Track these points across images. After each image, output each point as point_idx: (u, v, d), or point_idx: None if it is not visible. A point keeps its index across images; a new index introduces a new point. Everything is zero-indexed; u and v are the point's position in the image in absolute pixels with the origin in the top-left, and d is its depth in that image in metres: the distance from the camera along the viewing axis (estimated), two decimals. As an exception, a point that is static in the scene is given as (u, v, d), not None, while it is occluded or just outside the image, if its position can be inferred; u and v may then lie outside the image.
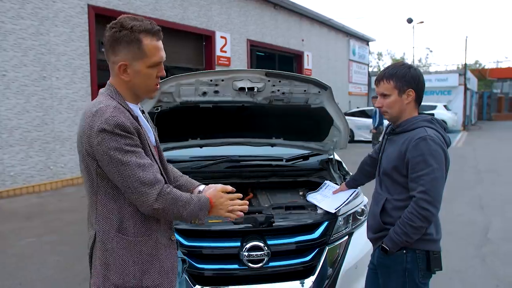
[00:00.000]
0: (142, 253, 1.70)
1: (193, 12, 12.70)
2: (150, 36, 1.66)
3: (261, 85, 2.86)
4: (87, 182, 1.69)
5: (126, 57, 1.65)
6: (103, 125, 1.56)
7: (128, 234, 1.68)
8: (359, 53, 26.70)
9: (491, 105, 36.82)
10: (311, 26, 20.51)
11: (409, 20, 34.63)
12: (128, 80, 1.69)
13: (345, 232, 2.83)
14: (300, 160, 3.59)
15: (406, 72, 2.17)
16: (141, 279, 1.69)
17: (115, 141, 1.57)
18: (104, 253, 1.68)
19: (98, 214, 1.68)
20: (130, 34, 1.63)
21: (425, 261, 2.13)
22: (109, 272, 1.68)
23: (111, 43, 1.66)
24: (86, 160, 1.64)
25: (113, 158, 1.57)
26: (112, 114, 1.59)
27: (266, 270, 2.56)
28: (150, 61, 1.68)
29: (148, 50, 1.66)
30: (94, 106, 1.64)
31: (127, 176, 1.58)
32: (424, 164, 2.04)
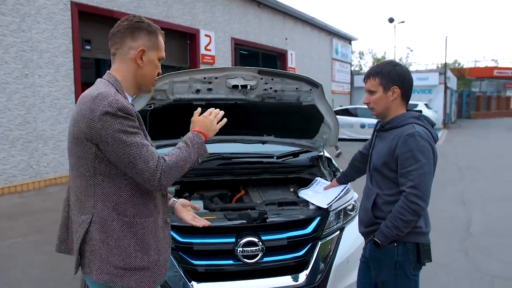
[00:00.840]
0: (143, 234, 1.73)
1: (177, 10, 12.64)
2: (161, 34, 1.85)
3: (254, 82, 2.89)
4: (82, 166, 1.69)
5: (145, 44, 1.77)
6: (106, 108, 1.60)
7: (128, 216, 1.71)
8: (342, 52, 26.93)
9: (470, 104, 37.56)
10: (295, 25, 20.61)
11: (391, 19, 35.04)
12: (141, 67, 1.79)
13: (337, 227, 2.89)
14: (290, 157, 3.63)
15: (391, 70, 2.24)
16: (142, 259, 1.74)
17: (119, 123, 1.61)
18: (104, 235, 1.69)
19: (97, 197, 1.69)
20: (150, 26, 1.79)
21: (416, 253, 2.19)
22: (109, 254, 1.69)
23: (132, 29, 1.76)
24: (84, 144, 1.65)
25: (119, 140, 1.60)
26: (115, 98, 1.64)
27: (260, 265, 2.59)
28: (160, 55, 1.84)
29: (161, 44, 1.83)
30: (94, 91, 1.68)
31: (133, 156, 1.61)
32: (413, 159, 2.10)
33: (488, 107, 40.07)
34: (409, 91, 2.29)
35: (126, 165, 1.63)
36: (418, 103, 22.72)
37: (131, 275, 1.72)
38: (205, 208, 2.95)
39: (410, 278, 2.21)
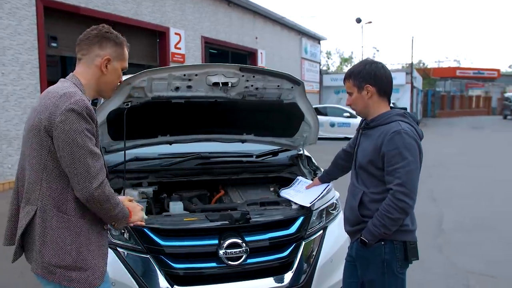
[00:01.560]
0: (80, 234, 1.76)
1: (146, 7, 12.40)
2: (126, 47, 1.96)
3: (235, 80, 2.82)
4: (34, 158, 1.74)
5: (111, 54, 1.87)
6: (72, 106, 1.67)
7: (68, 214, 1.74)
8: (311, 52, 27.14)
9: (435, 103, 38.62)
10: (265, 24, 20.62)
11: (358, 20, 35.57)
12: (104, 74, 1.87)
13: (320, 226, 2.86)
14: (269, 156, 3.58)
15: (361, 69, 2.26)
16: (76, 258, 1.75)
17: (79, 124, 1.67)
18: (43, 230, 1.72)
19: (42, 191, 1.73)
20: (117, 38, 1.90)
21: (403, 252, 2.19)
22: (45, 249, 1.72)
23: (100, 38, 1.86)
24: (41, 136, 1.71)
25: (72, 138, 1.65)
26: (81, 98, 1.71)
27: (244, 267, 2.53)
28: (123, 65, 1.94)
29: (125, 55, 1.95)
30: (60, 89, 1.74)
31: (77, 159, 1.66)
32: (399, 157, 2.09)
33: (452, 106, 41.31)
34: (385, 87, 2.27)
35: (69, 165, 1.68)
36: (386, 102, 23.18)
37: (64, 273, 1.74)
38: (185, 209, 2.86)
39: (397, 276, 2.20)
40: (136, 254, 2.45)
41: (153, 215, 2.74)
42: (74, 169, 1.67)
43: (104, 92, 1.95)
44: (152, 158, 3.28)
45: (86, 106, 1.69)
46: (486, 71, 43.80)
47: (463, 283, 4.12)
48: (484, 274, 4.36)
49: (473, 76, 42.69)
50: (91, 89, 1.88)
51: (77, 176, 1.67)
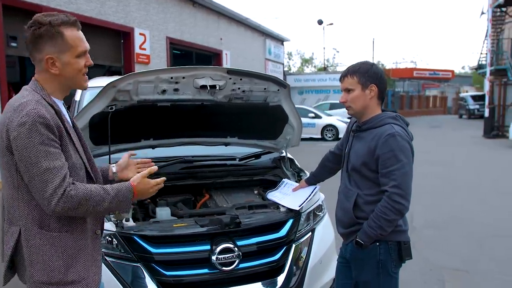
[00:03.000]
0: (66, 248, 1.69)
1: (110, 7, 12.11)
2: (70, 27, 1.68)
3: (222, 83, 2.79)
4: (7, 178, 1.67)
5: (51, 51, 1.66)
6: (23, 119, 1.56)
7: (51, 230, 1.67)
8: (275, 53, 27.33)
9: (395, 103, 39.67)
10: (229, 25, 20.58)
11: (320, 21, 36.14)
12: (58, 74, 1.70)
13: (308, 228, 2.87)
14: (252, 158, 3.57)
15: (369, 68, 2.27)
16: (66, 273, 1.69)
17: (30, 138, 1.56)
18: (27, 249, 1.66)
19: (21, 210, 1.66)
20: (50, 28, 1.64)
21: (397, 252, 2.23)
22: (33, 269, 1.66)
23: (33, 41, 1.66)
24: (7, 155, 1.63)
25: (24, 156, 1.57)
26: (33, 107, 1.59)
27: (237, 272, 2.50)
28: (77, 51, 1.70)
29: (71, 41, 1.68)
30: (16, 100, 1.65)
31: (32, 177, 1.58)
32: (394, 159, 2.13)
33: (411, 106, 42.58)
34: (384, 91, 2.32)
35: (27, 182, 1.61)
36: (349, 103, 23.59)
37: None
38: (172, 214, 2.80)
39: (391, 276, 2.25)
40: (126, 263, 2.38)
41: (141, 222, 2.67)
42: (32, 187, 1.59)
43: (73, 86, 1.79)
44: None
45: (38, 115, 1.57)
46: (441, 72, 45.40)
47: (439, 279, 4.25)
48: (457, 269, 4.51)
49: (429, 77, 44.13)
50: (56, 90, 1.73)
51: (36, 194, 1.60)
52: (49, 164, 1.58)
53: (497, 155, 13.50)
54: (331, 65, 50.60)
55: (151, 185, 1.83)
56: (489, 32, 21.04)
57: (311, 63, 58.91)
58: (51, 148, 1.60)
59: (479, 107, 31.97)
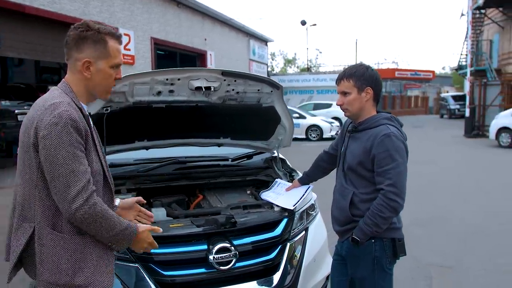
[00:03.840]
0: (76, 251, 1.69)
1: (94, 7, 12.01)
2: (114, 39, 1.77)
3: (217, 84, 2.82)
4: (27, 175, 1.68)
5: (91, 55, 1.72)
6: (55, 119, 1.59)
7: (63, 232, 1.68)
8: (259, 53, 27.43)
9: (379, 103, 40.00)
10: (213, 26, 20.58)
11: (303, 22, 36.38)
12: (89, 78, 1.75)
13: (302, 227, 2.91)
14: (245, 159, 3.60)
15: (364, 72, 2.33)
16: (73, 276, 1.68)
17: (60, 139, 1.58)
18: (39, 248, 1.67)
19: (36, 209, 1.67)
20: (97, 34, 1.72)
21: (391, 248, 2.30)
22: (42, 268, 1.68)
23: (77, 40, 1.71)
24: (31, 152, 1.64)
25: (52, 155, 1.58)
26: (66, 108, 1.62)
27: (233, 271, 2.53)
28: (113, 62, 1.77)
29: (112, 51, 1.75)
30: (47, 100, 1.67)
31: (56, 177, 1.58)
32: (390, 159, 2.19)
33: (393, 106, 43.08)
34: (379, 93, 2.38)
35: (49, 182, 1.61)
36: (332, 103, 23.76)
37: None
38: (168, 215, 2.82)
39: (386, 272, 2.31)
40: (124, 263, 2.39)
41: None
42: (54, 187, 1.60)
43: (98, 94, 1.83)
44: (128, 164, 3.20)
45: (70, 118, 1.60)
46: (422, 72, 46.06)
47: (426, 275, 4.35)
48: (443, 265, 4.62)
49: (410, 77, 44.70)
50: (83, 95, 1.78)
51: (56, 195, 1.60)
52: (75, 167, 1.59)
53: (478, 154, 13.79)
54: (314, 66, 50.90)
55: (149, 241, 1.85)
56: (469, 34, 21.45)
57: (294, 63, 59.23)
58: (78, 151, 1.62)
59: (459, 107, 32.57)
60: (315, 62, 54.93)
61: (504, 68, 23.72)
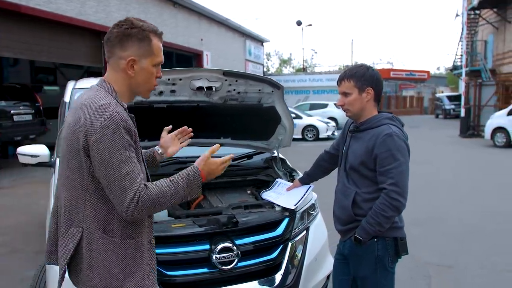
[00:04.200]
0: (126, 256, 1.67)
1: (91, 7, 11.98)
2: (157, 36, 1.73)
3: (218, 84, 2.83)
4: (74, 180, 1.63)
5: (135, 53, 1.67)
6: (106, 122, 1.55)
7: (114, 236, 1.65)
8: (255, 53, 27.44)
9: (373, 103, 40.08)
10: (210, 26, 20.57)
11: (299, 22, 36.42)
12: (132, 77, 1.70)
13: (303, 227, 2.92)
14: (245, 159, 3.61)
15: (365, 72, 2.34)
16: (124, 280, 1.66)
17: (114, 142, 1.55)
18: (88, 253, 1.64)
19: (86, 213, 1.63)
20: (142, 32, 1.67)
21: (393, 247, 2.31)
22: (92, 273, 1.64)
23: (121, 38, 1.67)
24: (81, 156, 1.59)
25: (106, 160, 1.54)
26: (116, 110, 1.58)
27: (236, 271, 2.54)
28: (156, 60, 1.73)
29: (155, 49, 1.72)
30: (94, 101, 1.61)
31: (112, 181, 1.56)
32: (392, 158, 2.21)
33: (389, 106, 43.20)
34: (380, 93, 2.40)
35: (105, 186, 1.59)
36: (328, 103, 23.83)
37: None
38: (169, 215, 2.82)
39: (388, 271, 2.32)
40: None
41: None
42: (110, 192, 1.57)
43: (141, 93, 1.79)
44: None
45: (122, 119, 1.57)
46: (417, 72, 46.22)
47: (425, 274, 4.38)
48: (441, 264, 4.65)
49: (405, 77, 44.85)
50: (124, 95, 1.74)
51: (114, 198, 1.58)
52: (129, 169, 1.57)
53: (474, 154, 13.87)
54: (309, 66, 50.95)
55: (217, 164, 1.82)
56: (465, 34, 21.56)
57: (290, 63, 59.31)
58: (130, 153, 1.59)
59: (454, 107, 32.73)
60: (311, 62, 55.04)
61: (499, 68, 23.87)
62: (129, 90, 1.74)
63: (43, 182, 8.89)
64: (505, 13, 23.15)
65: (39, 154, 3.42)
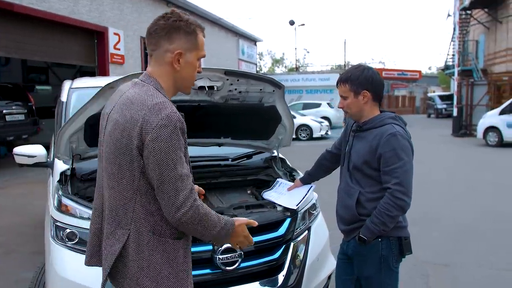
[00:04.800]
0: (177, 257, 1.65)
1: (84, 6, 11.88)
2: (202, 31, 1.70)
3: (220, 83, 2.81)
4: (124, 179, 1.58)
5: (183, 46, 1.64)
6: (164, 121, 1.49)
7: (165, 236, 1.62)
8: (248, 53, 27.42)
9: (365, 103, 40.22)
10: (203, 25, 20.52)
11: (291, 22, 36.44)
12: (178, 70, 1.66)
13: (305, 227, 2.91)
14: (244, 159, 3.59)
15: (359, 75, 2.33)
16: (174, 283, 1.63)
17: (171, 142, 1.50)
18: (137, 255, 1.60)
19: (136, 214, 1.59)
20: (189, 25, 1.64)
21: (398, 247, 2.31)
22: (141, 275, 1.60)
23: (169, 30, 1.62)
24: (133, 155, 1.54)
25: (162, 159, 1.50)
26: (173, 110, 1.54)
27: (238, 271, 2.53)
28: (200, 54, 1.70)
29: (200, 43, 1.69)
30: (147, 98, 1.55)
31: (166, 182, 1.51)
32: (396, 158, 2.20)
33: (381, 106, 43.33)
34: (379, 92, 2.39)
35: (157, 187, 1.54)
36: (321, 102, 23.87)
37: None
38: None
39: (392, 271, 2.32)
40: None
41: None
42: (162, 192, 1.52)
43: (183, 89, 1.75)
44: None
45: (179, 119, 1.52)
46: (409, 72, 46.46)
47: (422, 273, 4.39)
48: (438, 263, 4.67)
49: (397, 77, 45.07)
50: (169, 91, 1.69)
51: (164, 200, 1.53)
52: (182, 171, 1.53)
53: (466, 153, 13.97)
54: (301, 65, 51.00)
55: (245, 234, 1.78)
56: (457, 34, 21.71)
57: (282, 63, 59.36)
58: (183, 154, 1.56)
59: (446, 106, 32.97)
60: (303, 61, 55.09)
61: (490, 68, 24.08)
62: (174, 85, 1.70)
63: (37, 182, 8.83)
64: (496, 13, 23.36)
65: (36, 155, 3.38)
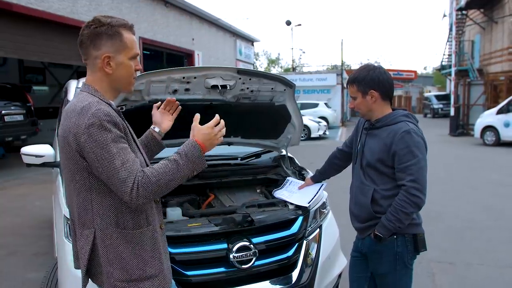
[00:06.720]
0: (142, 244, 1.71)
1: (82, 6, 11.85)
2: (127, 29, 1.73)
3: (232, 82, 2.82)
4: (77, 182, 1.67)
5: (109, 50, 1.68)
6: (91, 120, 1.57)
7: (127, 228, 1.69)
8: (245, 53, 27.42)
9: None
10: (201, 26, 20.51)
11: (288, 22, 36.46)
12: (111, 73, 1.71)
13: (316, 225, 2.93)
14: (253, 158, 3.60)
15: (365, 75, 2.34)
16: (144, 268, 1.71)
17: (101, 137, 1.57)
18: (104, 249, 1.67)
19: (95, 212, 1.67)
20: (111, 28, 1.68)
21: (413, 244, 2.33)
22: (112, 268, 1.68)
23: (92, 38, 1.68)
24: (76, 159, 1.63)
25: (99, 155, 1.57)
26: (98, 107, 1.60)
27: (253, 269, 2.53)
28: (131, 53, 1.73)
29: (128, 42, 1.72)
30: (77, 105, 1.64)
31: (111, 175, 1.57)
32: (411, 155, 2.22)
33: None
34: (388, 91, 2.38)
35: (106, 180, 1.61)
36: (319, 102, 23.90)
37: (137, 285, 1.71)
38: (184, 214, 2.80)
39: (408, 268, 2.35)
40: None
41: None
42: (112, 185, 1.60)
43: (122, 88, 1.80)
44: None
45: (104, 114, 1.59)
46: (405, 72, 46.66)
47: (428, 271, 4.42)
48: (442, 261, 4.70)
49: (393, 77, 44.68)
50: (108, 92, 1.75)
51: (118, 192, 1.60)
52: (123, 160, 1.58)
53: (464, 152, 14.03)
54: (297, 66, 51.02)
55: (209, 128, 1.77)
56: (454, 35, 21.79)
57: (278, 63, 59.37)
58: (122, 144, 1.61)
59: (442, 106, 33.08)
60: (299, 62, 55.12)
61: (486, 68, 24.19)
62: (110, 87, 1.75)
63: (36, 183, 8.81)
64: (491, 14, 23.48)
65: (44, 154, 3.37)
